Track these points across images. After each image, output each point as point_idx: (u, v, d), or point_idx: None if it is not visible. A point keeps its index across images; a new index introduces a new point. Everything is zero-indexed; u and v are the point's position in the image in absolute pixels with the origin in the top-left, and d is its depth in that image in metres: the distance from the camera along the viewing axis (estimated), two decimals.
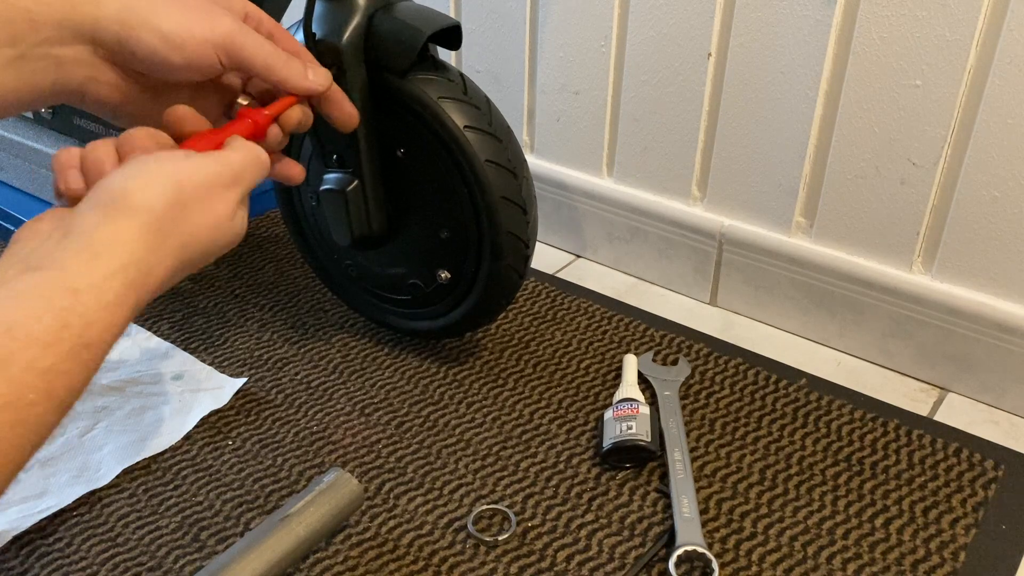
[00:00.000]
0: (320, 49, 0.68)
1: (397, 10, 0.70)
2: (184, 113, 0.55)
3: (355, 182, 0.73)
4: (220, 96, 0.60)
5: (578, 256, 1.04)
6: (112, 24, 0.53)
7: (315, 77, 0.59)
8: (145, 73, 0.55)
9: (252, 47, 0.55)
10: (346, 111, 0.62)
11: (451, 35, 0.71)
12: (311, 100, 0.61)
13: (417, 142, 0.73)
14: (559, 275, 1.00)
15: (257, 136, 0.56)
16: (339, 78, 0.69)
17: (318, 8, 0.69)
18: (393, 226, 0.78)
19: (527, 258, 0.76)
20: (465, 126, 0.71)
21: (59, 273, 0.43)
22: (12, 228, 1.02)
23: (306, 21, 0.68)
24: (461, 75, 0.73)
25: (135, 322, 0.87)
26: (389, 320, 0.86)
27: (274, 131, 0.59)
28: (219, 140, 0.54)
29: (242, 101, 0.58)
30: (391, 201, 0.77)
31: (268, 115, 0.57)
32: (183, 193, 0.48)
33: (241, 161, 0.52)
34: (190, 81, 0.56)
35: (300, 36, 0.69)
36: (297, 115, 0.60)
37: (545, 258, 1.03)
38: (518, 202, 0.73)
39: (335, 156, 0.73)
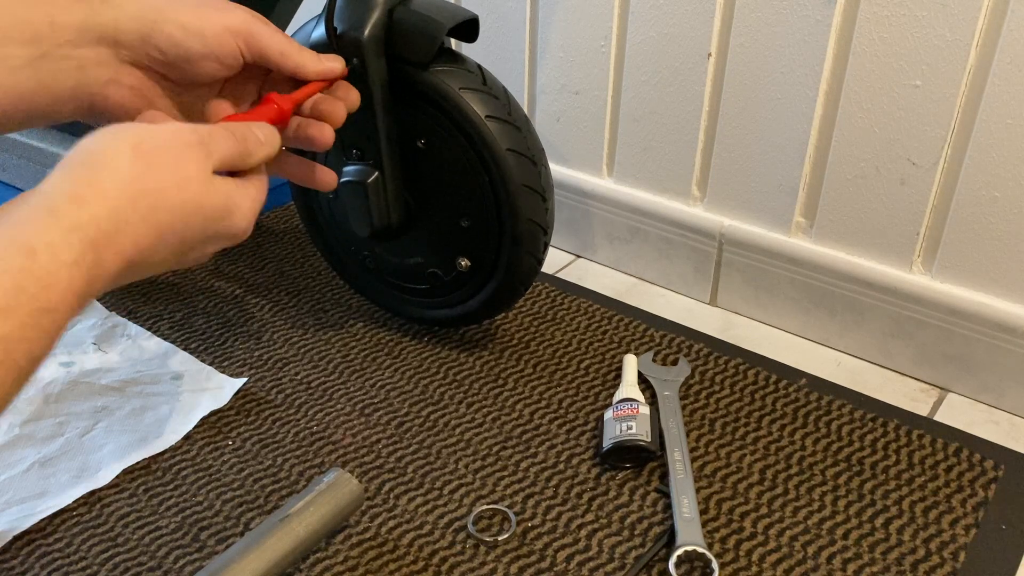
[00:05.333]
0: (341, 43, 0.69)
1: (416, 4, 0.71)
2: (219, 107, 0.56)
3: (375, 174, 0.75)
4: (240, 99, 0.60)
5: (578, 256, 1.04)
6: (133, 22, 0.54)
7: (330, 62, 0.60)
8: (168, 72, 0.56)
9: (267, 34, 0.56)
10: (352, 95, 0.63)
11: (468, 28, 0.73)
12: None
13: (438, 132, 0.75)
14: (559, 275, 1.00)
15: (281, 119, 0.57)
16: (360, 71, 0.70)
17: (339, 3, 0.70)
18: (413, 216, 0.79)
19: (546, 244, 0.78)
20: (486, 116, 0.72)
21: (14, 231, 0.40)
22: None
23: (328, 16, 0.69)
24: (479, 66, 0.74)
25: (135, 322, 0.87)
26: (406, 310, 0.86)
27: (318, 128, 0.60)
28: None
29: None
30: (411, 191, 0.78)
31: (292, 100, 0.58)
32: (142, 147, 0.45)
33: (209, 128, 0.50)
34: (213, 77, 0.56)
35: (321, 30, 0.70)
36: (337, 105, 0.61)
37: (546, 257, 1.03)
38: (537, 190, 0.74)
39: (355, 150, 0.74)
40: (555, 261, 1.03)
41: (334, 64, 0.60)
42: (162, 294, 0.93)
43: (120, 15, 0.53)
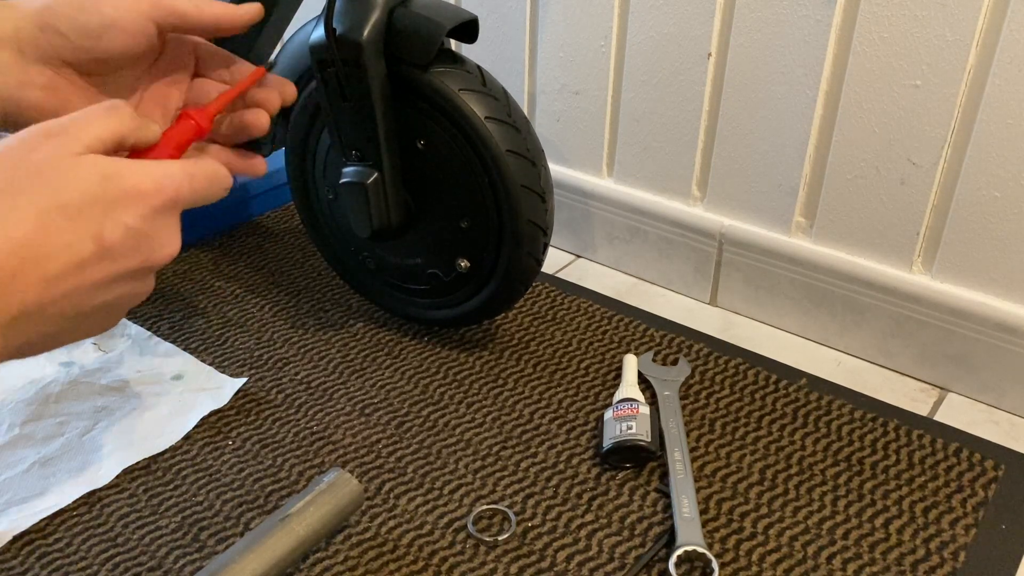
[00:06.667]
0: (341, 44, 0.69)
1: (416, 5, 0.71)
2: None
3: (375, 175, 0.75)
4: (166, 92, 0.59)
5: (578, 256, 1.04)
6: (30, 20, 0.53)
7: (244, 10, 0.57)
8: (78, 58, 0.54)
9: None
10: (287, 88, 0.61)
11: (468, 28, 0.73)
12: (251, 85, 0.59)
13: (438, 133, 0.75)
14: (559, 275, 1.00)
15: (200, 135, 0.55)
16: (359, 72, 0.70)
17: (339, 4, 0.70)
18: (412, 217, 0.79)
19: (545, 245, 0.78)
20: (486, 117, 0.72)
21: None
22: None
23: (327, 17, 0.69)
24: (478, 67, 0.74)
25: (135, 322, 0.87)
26: (406, 310, 0.87)
27: (250, 116, 0.58)
28: (167, 151, 0.52)
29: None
30: (411, 192, 0.78)
31: (208, 113, 0.55)
32: None
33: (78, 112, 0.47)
34: (125, 53, 0.54)
35: (320, 31, 0.70)
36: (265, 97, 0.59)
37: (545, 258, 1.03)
38: (537, 190, 0.74)
39: (354, 150, 0.74)
40: (555, 261, 1.03)
41: (248, 9, 0.57)
42: (162, 294, 0.93)
43: (17, 14, 0.52)
